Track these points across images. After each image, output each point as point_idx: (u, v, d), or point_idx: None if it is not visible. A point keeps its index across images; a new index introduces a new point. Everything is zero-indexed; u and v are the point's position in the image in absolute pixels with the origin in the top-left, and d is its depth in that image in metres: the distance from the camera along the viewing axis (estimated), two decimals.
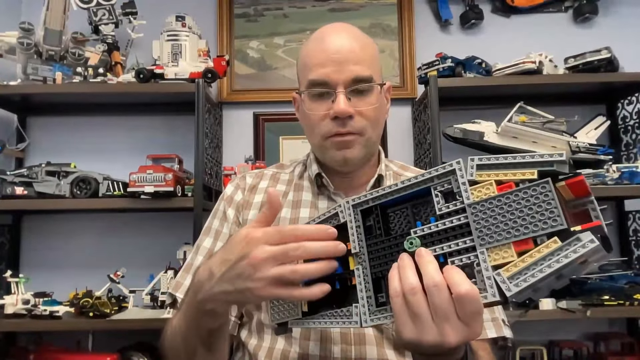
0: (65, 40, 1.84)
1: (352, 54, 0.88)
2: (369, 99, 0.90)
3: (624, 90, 1.91)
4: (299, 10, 2.13)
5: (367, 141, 0.91)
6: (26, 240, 2.02)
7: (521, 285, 0.49)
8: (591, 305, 1.61)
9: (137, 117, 2.06)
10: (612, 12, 2.11)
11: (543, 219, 0.50)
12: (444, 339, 0.52)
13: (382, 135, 2.03)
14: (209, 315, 0.70)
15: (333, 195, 0.96)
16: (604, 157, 1.80)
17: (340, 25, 0.95)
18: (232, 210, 0.99)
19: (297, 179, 1.02)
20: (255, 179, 1.03)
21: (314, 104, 0.91)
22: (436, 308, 0.52)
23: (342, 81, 0.87)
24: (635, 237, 1.94)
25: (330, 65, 0.88)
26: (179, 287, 0.95)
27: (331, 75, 0.87)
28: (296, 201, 0.98)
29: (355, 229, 0.63)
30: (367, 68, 0.89)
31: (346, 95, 0.87)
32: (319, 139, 0.92)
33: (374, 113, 0.91)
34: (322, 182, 0.97)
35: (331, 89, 0.88)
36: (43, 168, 1.73)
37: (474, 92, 1.90)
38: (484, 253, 0.52)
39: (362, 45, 0.91)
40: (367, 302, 0.60)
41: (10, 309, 1.62)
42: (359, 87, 0.88)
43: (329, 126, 0.89)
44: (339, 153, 0.90)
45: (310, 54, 0.92)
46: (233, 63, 2.08)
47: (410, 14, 2.11)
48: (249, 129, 2.08)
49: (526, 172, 0.53)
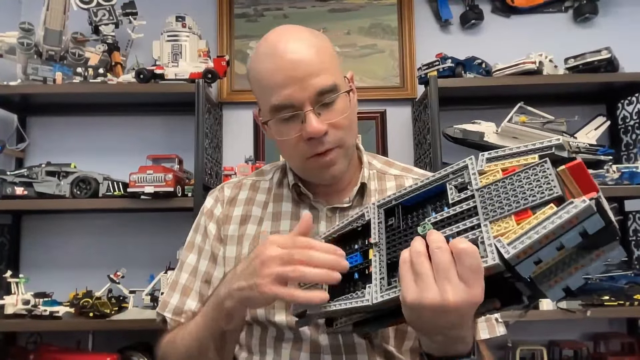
0: (66, 40, 1.84)
1: (310, 65, 0.81)
2: (338, 107, 0.84)
3: (624, 91, 1.91)
4: (299, 10, 2.13)
5: (346, 150, 0.88)
6: (26, 240, 2.02)
7: (518, 247, 0.51)
8: (591, 305, 1.61)
9: (137, 117, 2.06)
10: (612, 12, 2.11)
11: (540, 190, 0.54)
12: (443, 297, 0.55)
13: (382, 135, 2.05)
14: (226, 316, 0.74)
15: (314, 203, 0.93)
16: (604, 157, 1.81)
17: (288, 32, 0.87)
18: (213, 225, 0.97)
19: (276, 188, 0.98)
20: (234, 190, 1.00)
21: (284, 127, 0.85)
22: (437, 266, 0.56)
23: (307, 98, 0.81)
24: (635, 237, 1.94)
25: (291, 84, 0.80)
26: (166, 306, 0.93)
27: (295, 95, 0.81)
28: (276, 213, 0.94)
29: (377, 224, 0.69)
30: (329, 76, 0.82)
31: (314, 112, 0.81)
32: (299, 162, 0.88)
33: (347, 120, 0.86)
34: (300, 190, 0.93)
35: (297, 109, 0.82)
36: (43, 168, 1.73)
37: (474, 92, 1.90)
38: (487, 225, 0.56)
39: (317, 51, 0.84)
40: (380, 282, 0.63)
41: (10, 309, 1.62)
42: (325, 100, 0.82)
43: (305, 148, 0.84)
44: (325, 172, 0.87)
45: (265, 75, 0.84)
46: (233, 63, 2.09)
47: (410, 14, 2.11)
48: (249, 129, 2.08)
49: (528, 158, 0.58)
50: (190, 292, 0.93)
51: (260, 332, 0.88)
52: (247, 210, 0.96)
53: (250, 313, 0.87)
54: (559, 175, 0.55)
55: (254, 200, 0.98)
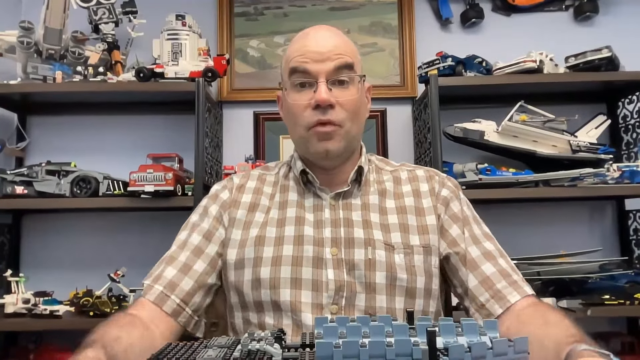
0: (65, 39, 1.84)
1: (334, 46, 0.93)
2: (350, 90, 0.94)
3: (624, 89, 1.91)
4: (299, 9, 2.12)
5: (346, 134, 0.94)
6: (26, 239, 2.02)
7: None
8: (591, 304, 1.60)
9: (137, 116, 2.06)
10: (613, 11, 2.11)
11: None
12: None
13: (382, 134, 2.05)
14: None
15: (319, 191, 0.99)
16: (604, 156, 1.80)
17: (325, 26, 1.00)
18: (215, 206, 1.02)
19: (283, 180, 1.05)
20: (242, 179, 1.06)
21: (297, 94, 0.94)
22: None
23: (324, 71, 0.91)
24: (635, 237, 1.93)
25: (312, 56, 0.92)
26: (150, 275, 0.95)
27: (313, 65, 0.92)
28: (283, 202, 1.01)
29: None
30: (349, 57, 0.93)
31: (327, 85, 0.91)
32: (301, 131, 0.95)
33: (354, 105, 0.94)
34: (307, 178, 0.99)
35: (312, 78, 0.92)
36: (43, 167, 1.73)
37: (474, 91, 1.89)
38: None
39: (345, 41, 0.97)
40: None
41: (11, 308, 1.62)
42: (340, 77, 0.92)
43: (310, 115, 0.92)
44: (321, 145, 0.93)
45: (292, 49, 0.96)
46: (233, 62, 2.08)
47: (411, 13, 2.10)
48: (249, 128, 2.08)
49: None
50: (173, 261, 0.96)
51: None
52: (256, 199, 1.02)
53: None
54: None
55: (261, 191, 1.04)
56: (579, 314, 1.58)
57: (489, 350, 0.48)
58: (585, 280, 1.72)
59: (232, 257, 0.96)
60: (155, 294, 0.91)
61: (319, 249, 0.92)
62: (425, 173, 1.05)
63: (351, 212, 0.97)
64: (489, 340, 0.50)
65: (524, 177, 1.74)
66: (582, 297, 1.64)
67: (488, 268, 0.93)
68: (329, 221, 0.95)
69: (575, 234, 2.01)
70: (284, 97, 0.98)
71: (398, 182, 1.03)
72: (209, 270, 0.96)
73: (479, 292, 0.91)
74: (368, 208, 0.98)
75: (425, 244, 0.94)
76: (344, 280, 0.90)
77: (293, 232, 0.95)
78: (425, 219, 0.97)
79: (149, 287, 0.92)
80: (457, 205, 1.00)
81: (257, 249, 0.94)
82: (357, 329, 0.50)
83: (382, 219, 0.96)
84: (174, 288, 0.92)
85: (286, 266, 0.91)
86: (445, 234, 0.97)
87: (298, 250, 0.92)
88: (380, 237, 0.93)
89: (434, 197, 1.00)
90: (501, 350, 0.48)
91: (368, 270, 0.90)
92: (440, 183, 1.03)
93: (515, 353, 0.49)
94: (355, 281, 0.90)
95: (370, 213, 0.97)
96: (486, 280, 0.92)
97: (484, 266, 0.93)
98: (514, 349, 0.49)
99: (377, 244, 0.92)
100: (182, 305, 0.92)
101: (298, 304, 0.88)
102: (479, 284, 0.92)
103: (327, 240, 0.93)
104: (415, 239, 0.94)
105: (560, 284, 1.71)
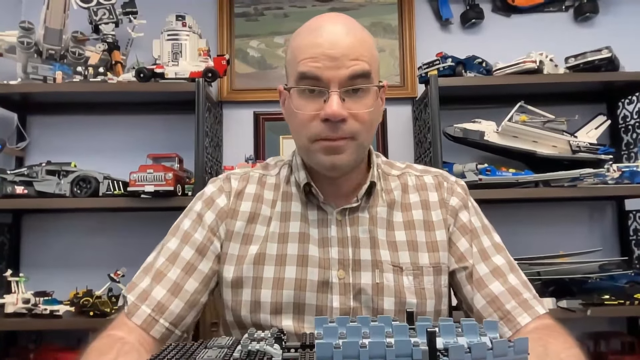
0: (66, 39, 1.84)
1: (350, 49, 0.80)
2: (365, 100, 0.82)
3: (624, 90, 1.91)
4: (300, 9, 2.12)
5: (359, 146, 0.84)
6: (26, 239, 2.02)
7: None
8: (591, 304, 1.61)
9: (137, 116, 2.06)
10: (613, 11, 2.11)
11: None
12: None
13: (382, 134, 2.05)
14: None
15: (322, 205, 0.90)
16: (604, 156, 1.80)
17: (337, 16, 0.87)
18: (211, 214, 0.92)
19: (284, 185, 0.95)
20: (241, 183, 0.95)
21: (303, 101, 0.82)
22: None
23: (337, 79, 0.79)
24: (635, 237, 1.94)
25: (325, 60, 0.79)
26: (133, 288, 0.87)
27: (325, 72, 0.79)
28: (285, 213, 0.91)
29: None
30: (366, 64, 0.81)
31: (340, 95, 0.79)
32: (305, 141, 0.84)
33: (369, 117, 0.83)
34: (310, 190, 0.90)
35: (324, 87, 0.80)
36: (43, 167, 1.73)
37: (474, 91, 1.90)
38: None
39: (361, 40, 0.83)
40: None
41: (11, 308, 1.62)
42: (355, 86, 0.80)
43: (318, 128, 0.81)
44: (327, 158, 0.83)
45: (302, 46, 0.83)
46: (233, 62, 2.08)
47: (411, 13, 2.11)
48: (249, 128, 2.08)
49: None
50: (162, 278, 0.86)
51: None
52: (255, 208, 0.92)
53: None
54: None
55: (262, 197, 0.94)
56: (579, 314, 1.58)
57: (489, 351, 0.48)
58: (585, 281, 1.72)
59: (229, 274, 0.88)
60: (142, 317, 0.83)
61: (324, 271, 0.86)
62: (433, 180, 0.97)
63: (358, 228, 0.89)
64: (489, 341, 0.50)
65: (524, 178, 1.74)
66: (582, 297, 1.65)
67: (497, 287, 0.87)
68: (336, 240, 0.88)
69: (575, 234, 2.02)
70: (288, 97, 0.86)
71: (405, 190, 0.95)
72: (202, 289, 0.88)
73: (487, 313, 0.86)
74: (375, 223, 0.90)
75: (435, 263, 0.89)
76: (350, 307, 0.84)
77: (296, 250, 0.87)
78: (435, 234, 0.91)
79: (134, 306, 0.84)
80: (466, 216, 0.94)
81: (257, 268, 0.87)
82: (357, 330, 0.50)
83: (390, 235, 0.90)
84: (163, 311, 0.84)
85: (289, 290, 0.85)
86: (453, 247, 0.91)
87: (302, 272, 0.86)
88: (387, 258, 0.87)
89: (444, 208, 0.93)
90: (501, 351, 0.48)
91: (376, 295, 0.85)
92: (449, 190, 0.95)
93: (515, 354, 0.49)
94: (362, 306, 0.85)
95: (377, 229, 0.89)
96: (495, 300, 0.86)
97: (492, 285, 0.87)
98: (514, 350, 0.49)
99: (385, 266, 0.86)
100: (171, 328, 0.85)
101: (301, 329, 0.84)
102: (487, 304, 0.87)
103: (334, 261, 0.86)
104: (424, 257, 0.88)
105: (560, 284, 1.71)
